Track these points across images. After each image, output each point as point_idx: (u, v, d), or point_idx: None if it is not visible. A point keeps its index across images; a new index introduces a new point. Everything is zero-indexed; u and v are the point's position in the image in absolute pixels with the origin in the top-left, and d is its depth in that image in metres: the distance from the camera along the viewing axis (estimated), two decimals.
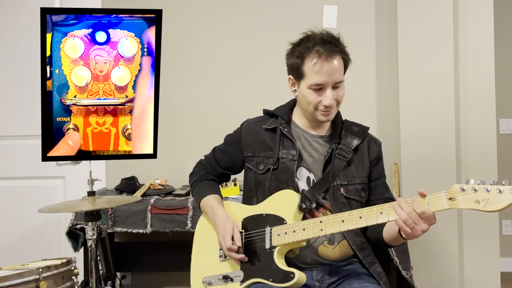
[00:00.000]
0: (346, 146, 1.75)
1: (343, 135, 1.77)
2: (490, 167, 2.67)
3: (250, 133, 1.84)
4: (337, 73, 1.65)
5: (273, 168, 1.74)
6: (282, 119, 1.80)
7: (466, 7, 2.69)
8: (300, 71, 1.69)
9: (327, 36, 1.68)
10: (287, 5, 2.97)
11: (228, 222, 1.72)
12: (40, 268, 1.90)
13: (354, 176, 1.74)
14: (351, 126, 1.81)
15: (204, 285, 1.75)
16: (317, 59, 1.64)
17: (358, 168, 1.75)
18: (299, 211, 1.66)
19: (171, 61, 2.99)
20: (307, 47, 1.67)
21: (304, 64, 1.67)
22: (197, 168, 1.97)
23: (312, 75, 1.65)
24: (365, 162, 1.77)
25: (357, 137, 1.77)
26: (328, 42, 1.65)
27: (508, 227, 3.80)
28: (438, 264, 2.67)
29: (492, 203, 1.33)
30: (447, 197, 1.39)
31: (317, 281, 1.69)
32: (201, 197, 1.86)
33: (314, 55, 1.64)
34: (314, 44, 1.66)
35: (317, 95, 1.67)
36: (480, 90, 2.69)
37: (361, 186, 1.75)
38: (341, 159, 1.72)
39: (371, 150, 1.80)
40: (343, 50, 1.68)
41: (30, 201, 3.00)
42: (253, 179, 1.80)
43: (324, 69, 1.63)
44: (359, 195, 1.74)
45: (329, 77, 1.64)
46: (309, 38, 1.69)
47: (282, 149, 1.76)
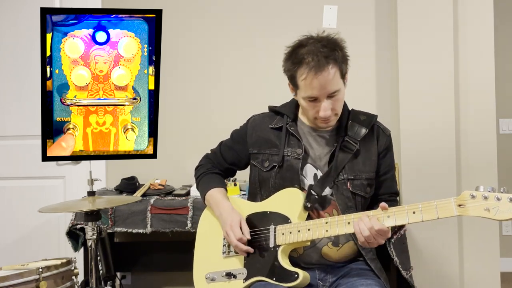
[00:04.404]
0: (353, 137, 1.71)
1: (350, 126, 1.73)
2: (490, 167, 2.67)
3: (256, 130, 1.84)
4: (329, 84, 1.60)
5: (278, 166, 1.74)
6: (288, 118, 1.79)
7: (466, 7, 2.69)
8: (294, 83, 1.67)
9: (319, 44, 1.61)
10: (287, 5, 2.96)
11: (235, 213, 1.72)
12: (40, 268, 1.90)
13: (361, 171, 1.72)
14: (358, 115, 1.77)
15: (207, 281, 1.75)
16: (307, 74, 1.58)
17: (365, 162, 1.73)
18: (304, 210, 1.65)
19: (171, 61, 2.99)
20: (298, 59, 1.61)
21: (297, 76, 1.63)
22: (203, 162, 1.97)
23: (304, 89, 1.63)
24: (373, 157, 1.75)
25: (364, 126, 1.73)
26: (319, 52, 1.58)
27: (508, 227, 3.80)
28: (438, 264, 2.67)
29: (502, 212, 1.31)
30: (457, 203, 1.38)
31: (320, 280, 1.70)
32: (206, 190, 1.86)
33: (304, 69, 1.59)
34: (305, 55, 1.60)
35: (314, 105, 1.65)
36: (480, 90, 2.69)
37: (367, 181, 1.73)
38: (346, 151, 1.70)
39: (379, 141, 1.77)
40: (336, 58, 1.60)
41: (30, 201, 2.99)
42: (258, 176, 1.80)
43: (315, 83, 1.59)
44: (364, 190, 1.73)
45: (321, 90, 1.60)
46: (300, 47, 1.63)
47: (288, 147, 1.75)
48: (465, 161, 2.70)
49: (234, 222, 1.68)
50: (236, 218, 1.70)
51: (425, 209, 1.42)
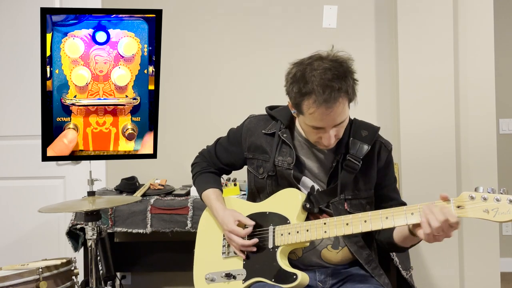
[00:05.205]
0: (355, 155, 1.61)
1: (351, 143, 1.63)
2: (490, 167, 2.67)
3: (250, 135, 1.80)
4: (338, 117, 1.51)
5: (272, 175, 1.72)
6: (282, 124, 1.71)
7: (466, 7, 2.69)
8: (299, 109, 1.54)
9: (330, 73, 1.47)
10: (287, 5, 2.96)
11: (227, 213, 1.73)
12: (40, 268, 1.90)
13: (360, 190, 1.66)
14: (360, 130, 1.66)
15: (207, 282, 1.75)
16: (316, 109, 1.47)
17: (365, 180, 1.66)
18: (303, 211, 1.64)
19: (171, 61, 2.99)
20: (306, 91, 1.48)
21: (303, 106, 1.51)
22: (199, 160, 1.97)
23: (310, 119, 1.52)
24: (372, 173, 1.67)
25: (366, 143, 1.63)
26: (330, 84, 1.45)
27: (508, 227, 3.80)
28: (438, 264, 2.67)
29: (501, 213, 1.29)
30: (455, 205, 1.36)
31: (320, 281, 1.68)
32: (202, 190, 1.88)
33: (313, 102, 1.47)
34: (314, 87, 1.46)
35: (317, 132, 1.56)
36: (480, 90, 2.69)
37: (365, 200, 1.68)
38: (349, 171, 1.61)
39: (380, 157, 1.68)
40: (348, 89, 1.49)
41: (30, 201, 2.99)
42: (254, 183, 1.80)
43: (323, 118, 1.50)
44: (362, 209, 1.65)
45: (328, 122, 1.52)
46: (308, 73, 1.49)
47: (279, 156, 1.70)
48: (465, 161, 2.70)
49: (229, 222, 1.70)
50: (231, 219, 1.71)
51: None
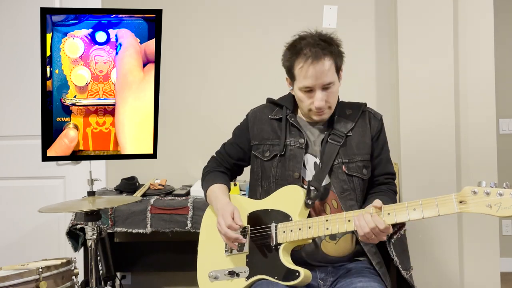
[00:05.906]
0: (339, 130, 1.78)
1: (336, 120, 1.80)
2: (490, 167, 2.67)
3: (257, 122, 1.89)
4: (324, 75, 1.68)
5: (280, 154, 1.77)
6: (288, 109, 1.85)
7: (466, 7, 2.69)
8: (292, 74, 1.74)
9: (317, 38, 1.71)
10: (287, 5, 2.96)
11: (229, 206, 1.73)
12: (40, 268, 1.90)
13: (355, 154, 1.78)
14: (345, 109, 1.84)
15: (210, 279, 1.76)
16: (304, 63, 1.67)
17: (359, 146, 1.79)
18: (305, 208, 1.67)
19: (171, 61, 2.99)
20: (296, 51, 1.70)
21: (294, 67, 1.71)
22: (210, 162, 2.03)
23: (301, 78, 1.70)
24: (367, 140, 1.81)
25: (350, 121, 1.80)
26: (317, 44, 1.68)
27: (508, 227, 3.80)
28: (438, 264, 2.67)
29: (505, 208, 1.28)
30: (458, 200, 1.36)
31: (321, 279, 1.71)
32: (208, 186, 1.89)
33: (301, 59, 1.68)
34: (303, 47, 1.69)
35: (308, 96, 1.72)
36: (480, 90, 2.69)
37: (362, 163, 1.78)
38: (333, 144, 1.76)
39: (372, 125, 1.84)
40: (333, 51, 1.70)
41: (30, 201, 2.99)
42: (259, 167, 1.83)
43: (310, 72, 1.67)
44: (360, 172, 1.77)
45: (316, 80, 1.68)
46: (299, 41, 1.72)
47: (290, 137, 1.79)
48: (465, 161, 2.70)
49: (225, 212, 1.70)
50: (229, 208, 1.71)
51: (425, 206, 1.41)
